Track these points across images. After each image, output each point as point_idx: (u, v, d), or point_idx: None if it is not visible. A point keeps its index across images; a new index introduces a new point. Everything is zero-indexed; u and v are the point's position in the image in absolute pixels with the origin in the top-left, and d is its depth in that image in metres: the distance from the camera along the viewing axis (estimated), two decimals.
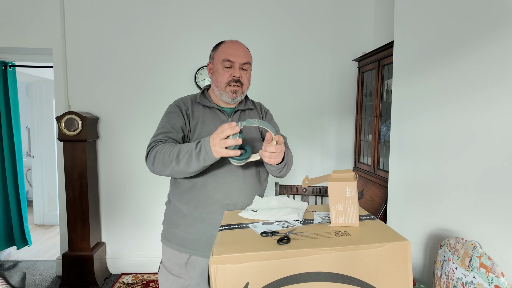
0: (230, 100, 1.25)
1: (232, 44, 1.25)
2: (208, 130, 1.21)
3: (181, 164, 1.04)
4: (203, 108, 1.27)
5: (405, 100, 1.72)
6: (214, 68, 1.26)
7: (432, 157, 1.50)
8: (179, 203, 1.23)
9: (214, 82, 1.26)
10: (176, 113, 1.23)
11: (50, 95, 3.95)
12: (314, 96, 2.74)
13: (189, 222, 1.20)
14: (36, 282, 2.61)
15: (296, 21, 2.68)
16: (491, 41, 1.18)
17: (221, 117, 1.27)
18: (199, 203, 1.19)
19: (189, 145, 1.05)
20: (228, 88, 1.22)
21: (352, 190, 0.78)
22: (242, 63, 1.22)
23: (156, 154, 1.09)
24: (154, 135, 1.20)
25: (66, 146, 2.46)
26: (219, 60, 1.22)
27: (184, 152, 1.04)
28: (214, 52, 1.27)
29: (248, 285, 0.64)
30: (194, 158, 1.02)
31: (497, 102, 1.17)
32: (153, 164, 1.10)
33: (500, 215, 1.16)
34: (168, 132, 1.18)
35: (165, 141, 1.15)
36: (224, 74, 1.21)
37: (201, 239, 1.19)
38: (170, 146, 1.09)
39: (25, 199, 3.00)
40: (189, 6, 2.62)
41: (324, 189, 2.11)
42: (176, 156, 1.05)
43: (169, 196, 1.30)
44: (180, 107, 1.25)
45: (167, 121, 1.22)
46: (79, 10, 2.57)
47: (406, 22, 1.70)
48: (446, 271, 1.26)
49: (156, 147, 1.11)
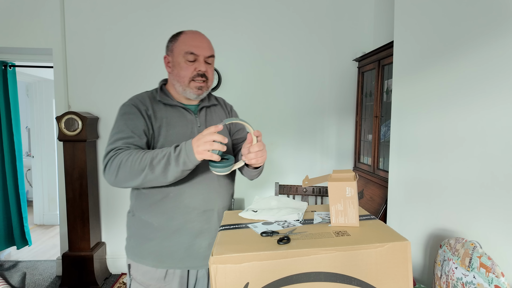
0: (195, 97, 1.14)
1: (195, 35, 1.13)
2: (176, 132, 1.10)
3: (157, 171, 0.93)
4: (165, 107, 1.13)
5: (405, 100, 1.72)
6: (174, 61, 1.12)
7: (432, 157, 1.50)
8: (147, 216, 1.11)
9: (175, 77, 1.13)
10: (135, 115, 1.07)
11: (50, 95, 3.95)
12: (314, 96, 2.74)
13: (164, 236, 1.10)
14: (36, 282, 2.61)
15: (296, 21, 2.68)
16: (491, 41, 1.18)
17: (187, 116, 1.15)
18: (174, 214, 1.09)
19: (164, 150, 0.95)
20: (192, 83, 1.11)
21: (352, 190, 0.78)
22: (206, 56, 1.12)
23: (120, 164, 0.95)
24: (111, 141, 1.04)
25: (66, 146, 2.46)
26: (181, 53, 1.10)
27: (160, 157, 0.93)
28: (173, 44, 1.13)
29: (248, 285, 0.64)
30: (172, 162, 0.92)
31: (497, 102, 1.17)
32: (117, 175, 0.96)
33: (500, 215, 1.16)
34: (128, 137, 1.03)
35: (127, 148, 1.00)
36: (188, 69, 1.09)
37: (179, 250, 1.11)
38: (138, 153, 0.96)
39: (25, 199, 3.00)
40: (189, 6, 2.62)
41: (324, 189, 2.11)
42: (149, 163, 0.93)
43: (133, 209, 1.16)
44: (139, 107, 1.09)
45: (125, 124, 1.05)
46: (79, 10, 2.57)
47: (406, 22, 1.70)
48: (446, 271, 1.26)
49: (117, 156, 0.97)
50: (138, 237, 1.13)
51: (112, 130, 1.07)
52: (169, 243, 1.10)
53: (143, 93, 1.17)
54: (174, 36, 1.15)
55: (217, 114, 1.26)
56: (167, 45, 1.16)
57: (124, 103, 1.13)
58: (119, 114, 1.10)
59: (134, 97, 1.14)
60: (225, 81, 2.69)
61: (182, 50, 1.10)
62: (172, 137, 1.09)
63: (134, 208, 1.15)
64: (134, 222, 1.15)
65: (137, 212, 1.14)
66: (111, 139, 1.05)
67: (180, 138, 1.09)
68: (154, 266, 1.11)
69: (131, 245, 1.16)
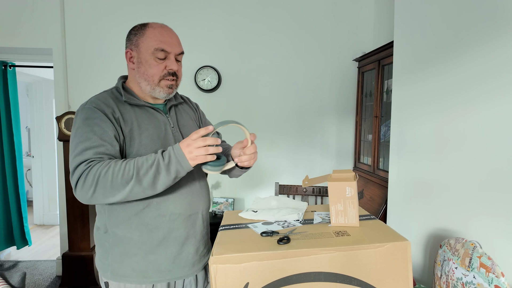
0: (164, 96, 1.05)
1: (164, 30, 1.02)
2: (149, 135, 1.00)
3: (145, 183, 0.84)
4: (132, 108, 1.02)
5: (405, 100, 1.72)
6: (141, 58, 1.01)
7: (432, 157, 1.50)
8: (126, 231, 0.99)
9: (141, 75, 1.01)
10: (100, 119, 0.94)
11: (50, 95, 3.96)
12: (314, 96, 2.74)
13: (148, 249, 1.00)
14: (36, 282, 2.61)
15: (295, 21, 2.68)
16: (492, 41, 1.18)
17: (158, 116, 1.06)
18: (158, 223, 1.00)
19: (149, 158, 0.86)
20: (163, 82, 1.01)
21: (352, 190, 0.78)
22: (177, 54, 1.03)
23: (98, 179, 0.84)
24: (77, 153, 0.89)
25: (66, 146, 2.46)
26: (149, 49, 0.99)
27: (146, 166, 0.84)
28: (139, 38, 1.01)
29: (248, 285, 0.64)
30: (163, 171, 0.83)
31: (497, 102, 1.17)
32: (94, 192, 0.85)
33: (500, 215, 1.16)
34: (98, 145, 0.90)
35: (100, 159, 0.88)
36: (157, 67, 1.00)
37: (165, 262, 1.02)
38: (117, 163, 0.85)
39: (25, 199, 3.00)
40: (189, 6, 2.62)
41: (324, 189, 2.11)
42: (135, 174, 0.83)
43: (105, 225, 1.02)
44: (103, 110, 0.96)
45: (91, 131, 0.91)
46: (79, 10, 2.57)
47: (406, 22, 1.70)
48: (446, 271, 1.26)
49: (92, 169, 0.85)
50: (115, 255, 1.01)
51: (74, 139, 0.92)
52: (155, 255, 1.01)
53: (103, 93, 1.05)
54: (138, 28, 1.02)
55: (186, 113, 1.19)
56: (129, 38, 1.03)
57: (83, 106, 0.98)
58: (80, 119, 0.95)
59: (94, 99, 1.00)
60: (225, 81, 2.69)
61: (151, 46, 0.99)
62: (147, 141, 0.99)
63: (106, 224, 1.01)
64: (108, 239, 1.02)
65: (111, 228, 1.01)
66: (76, 149, 0.90)
67: (155, 141, 1.01)
68: (138, 283, 1.00)
69: (108, 264, 1.02)
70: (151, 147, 0.99)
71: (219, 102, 2.70)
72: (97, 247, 1.07)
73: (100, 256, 1.05)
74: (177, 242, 1.03)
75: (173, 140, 1.06)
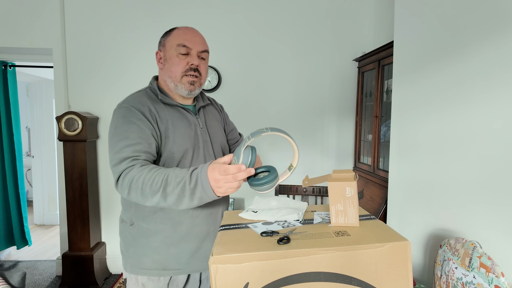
0: (187, 94, 1.07)
1: (188, 30, 1.07)
2: (181, 134, 1.04)
3: (170, 200, 0.84)
4: (165, 107, 1.06)
5: (405, 100, 1.72)
6: (166, 56, 1.06)
7: (432, 157, 1.50)
8: (151, 224, 1.04)
9: (166, 73, 1.06)
10: (137, 117, 0.98)
11: (50, 95, 3.96)
12: (314, 96, 2.74)
13: (170, 242, 1.05)
14: (36, 282, 2.61)
15: (295, 21, 2.68)
16: (492, 40, 1.18)
17: (189, 117, 1.09)
18: (182, 219, 1.04)
19: (179, 174, 0.84)
20: (184, 78, 1.04)
21: (352, 190, 0.78)
22: (200, 51, 1.06)
23: (132, 182, 0.87)
24: (116, 150, 0.93)
25: (66, 146, 2.46)
26: (173, 46, 1.04)
27: (174, 183, 0.83)
28: (166, 39, 1.07)
29: (248, 285, 0.64)
30: (187, 194, 0.82)
31: (497, 102, 1.17)
32: (129, 194, 0.89)
33: (500, 215, 1.16)
34: (135, 143, 0.94)
35: (137, 158, 0.92)
36: (180, 63, 1.03)
37: (185, 256, 1.07)
38: (149, 172, 0.87)
39: (25, 199, 3.00)
40: (189, 6, 2.62)
41: (324, 189, 2.11)
42: (162, 189, 0.83)
43: (131, 218, 1.07)
44: (140, 109, 1.00)
45: (129, 129, 0.95)
46: (79, 10, 2.57)
47: (406, 22, 1.70)
48: (446, 271, 1.26)
49: (130, 172, 0.88)
50: (138, 246, 1.06)
51: (114, 137, 0.96)
52: (176, 249, 1.05)
53: (137, 92, 1.07)
54: (167, 31, 1.09)
55: (213, 115, 1.22)
56: (160, 41, 1.10)
57: (121, 106, 1.02)
58: (118, 118, 0.99)
59: (130, 98, 1.04)
60: (225, 81, 2.69)
61: (174, 44, 1.04)
62: (179, 139, 1.03)
63: (133, 217, 1.06)
64: (133, 231, 1.07)
65: (137, 221, 1.06)
66: (115, 147, 0.94)
67: (186, 140, 1.05)
68: (158, 275, 1.05)
69: (130, 256, 1.07)
70: (183, 146, 1.03)
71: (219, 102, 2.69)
72: (120, 239, 1.13)
73: (124, 250, 1.11)
74: (198, 237, 1.07)
75: (201, 140, 1.10)
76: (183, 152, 1.04)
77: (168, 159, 1.02)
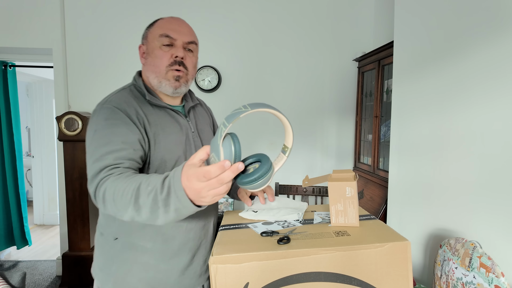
0: (172, 92, 0.94)
1: (173, 19, 0.95)
2: (172, 140, 0.92)
3: (144, 214, 0.66)
4: (153, 109, 0.93)
5: (405, 100, 1.72)
6: (148, 49, 0.94)
7: (432, 157, 1.50)
8: (139, 239, 0.91)
9: (149, 68, 0.94)
10: (122, 120, 0.84)
11: (50, 95, 3.96)
12: (314, 96, 2.74)
13: (161, 258, 0.93)
14: (36, 282, 2.61)
15: (296, 21, 2.68)
16: (492, 40, 1.18)
17: (179, 120, 0.97)
18: (176, 233, 0.93)
19: (152, 181, 0.66)
20: (170, 73, 0.92)
21: (352, 190, 0.78)
22: (186, 42, 0.93)
23: (105, 193, 0.72)
24: (97, 157, 0.79)
25: (66, 146, 2.46)
26: (155, 37, 0.92)
27: (145, 193, 0.65)
28: (149, 30, 0.96)
29: (248, 285, 0.64)
30: (161, 206, 0.63)
31: (497, 101, 1.17)
32: (105, 206, 0.74)
33: (500, 215, 1.16)
34: (119, 149, 0.80)
35: (118, 166, 0.78)
36: (163, 55, 0.91)
37: (176, 273, 0.95)
38: (125, 178, 0.72)
39: (25, 199, 3.00)
40: (189, 7, 2.62)
41: (324, 189, 2.11)
42: (134, 200, 0.66)
43: (114, 231, 0.92)
44: (126, 111, 0.86)
45: (112, 133, 0.81)
46: (79, 10, 2.57)
47: (406, 22, 1.70)
48: (446, 271, 1.26)
49: (107, 181, 0.74)
50: (123, 262, 0.92)
51: (93, 143, 0.82)
52: (167, 266, 0.93)
53: (122, 91, 0.93)
54: (151, 23, 0.98)
55: (203, 117, 1.10)
56: (143, 34, 0.99)
57: (103, 106, 0.87)
58: (99, 120, 0.84)
59: (114, 97, 0.89)
60: (225, 81, 2.69)
61: (156, 34, 0.92)
62: (171, 145, 0.92)
63: (117, 231, 0.92)
64: (116, 245, 0.92)
65: (122, 235, 0.92)
66: (94, 154, 0.80)
67: (178, 146, 0.94)
68: None
69: (112, 273, 0.92)
70: (175, 153, 0.92)
71: (219, 102, 2.70)
72: (98, 254, 0.97)
73: (102, 264, 0.95)
74: (190, 252, 0.97)
75: (193, 146, 0.98)
76: (175, 160, 0.93)
77: (159, 169, 0.91)
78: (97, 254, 0.98)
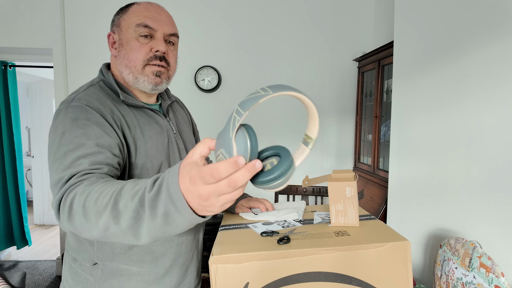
0: (151, 89, 0.81)
1: (151, 5, 0.81)
2: (154, 144, 0.81)
3: (124, 222, 0.48)
4: (129, 109, 0.80)
5: (405, 100, 1.72)
6: (121, 39, 0.81)
7: (432, 157, 1.50)
8: (123, 263, 0.79)
9: (123, 62, 0.81)
10: (96, 121, 0.71)
11: (50, 95, 3.96)
12: (314, 96, 2.74)
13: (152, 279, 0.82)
14: (36, 282, 2.61)
15: (296, 21, 2.68)
16: (492, 40, 1.18)
17: (159, 120, 0.85)
18: (167, 249, 0.83)
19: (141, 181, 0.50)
20: (148, 68, 0.79)
21: (352, 190, 0.78)
22: (168, 34, 0.81)
23: (73, 201, 0.56)
24: (68, 163, 0.64)
25: None
26: (131, 26, 0.79)
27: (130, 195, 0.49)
28: (121, 17, 0.82)
29: (248, 285, 0.64)
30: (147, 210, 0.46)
31: (497, 102, 1.17)
32: (70, 218, 0.56)
33: (500, 215, 1.16)
34: (95, 153, 0.66)
35: (93, 171, 0.64)
36: (141, 48, 0.78)
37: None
38: (102, 183, 0.57)
39: (25, 199, 3.01)
40: (188, 6, 2.62)
41: (324, 189, 2.11)
42: (112, 203, 0.50)
43: (91, 257, 0.78)
44: (100, 110, 0.73)
45: (83, 134, 0.68)
46: (79, 10, 2.57)
47: (406, 22, 1.70)
48: (446, 271, 1.26)
49: (76, 187, 0.59)
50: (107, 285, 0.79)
51: (62, 147, 0.66)
52: (158, 286, 0.83)
53: (90, 87, 0.79)
54: (122, 8, 0.83)
55: (181, 115, 0.99)
56: (113, 20, 0.84)
57: (69, 104, 0.72)
58: (67, 120, 0.69)
59: (83, 95, 0.75)
60: (225, 81, 2.69)
61: (132, 23, 0.79)
62: (152, 151, 0.80)
63: (95, 256, 0.78)
64: (95, 272, 0.79)
65: (103, 260, 0.78)
66: (64, 160, 0.64)
67: (160, 151, 0.83)
68: None
69: None
70: (158, 158, 0.81)
71: (219, 102, 2.70)
72: (72, 285, 0.80)
73: None
74: (183, 268, 0.87)
75: (176, 149, 0.88)
76: (158, 167, 0.82)
77: (140, 178, 0.74)
78: (70, 285, 0.81)
